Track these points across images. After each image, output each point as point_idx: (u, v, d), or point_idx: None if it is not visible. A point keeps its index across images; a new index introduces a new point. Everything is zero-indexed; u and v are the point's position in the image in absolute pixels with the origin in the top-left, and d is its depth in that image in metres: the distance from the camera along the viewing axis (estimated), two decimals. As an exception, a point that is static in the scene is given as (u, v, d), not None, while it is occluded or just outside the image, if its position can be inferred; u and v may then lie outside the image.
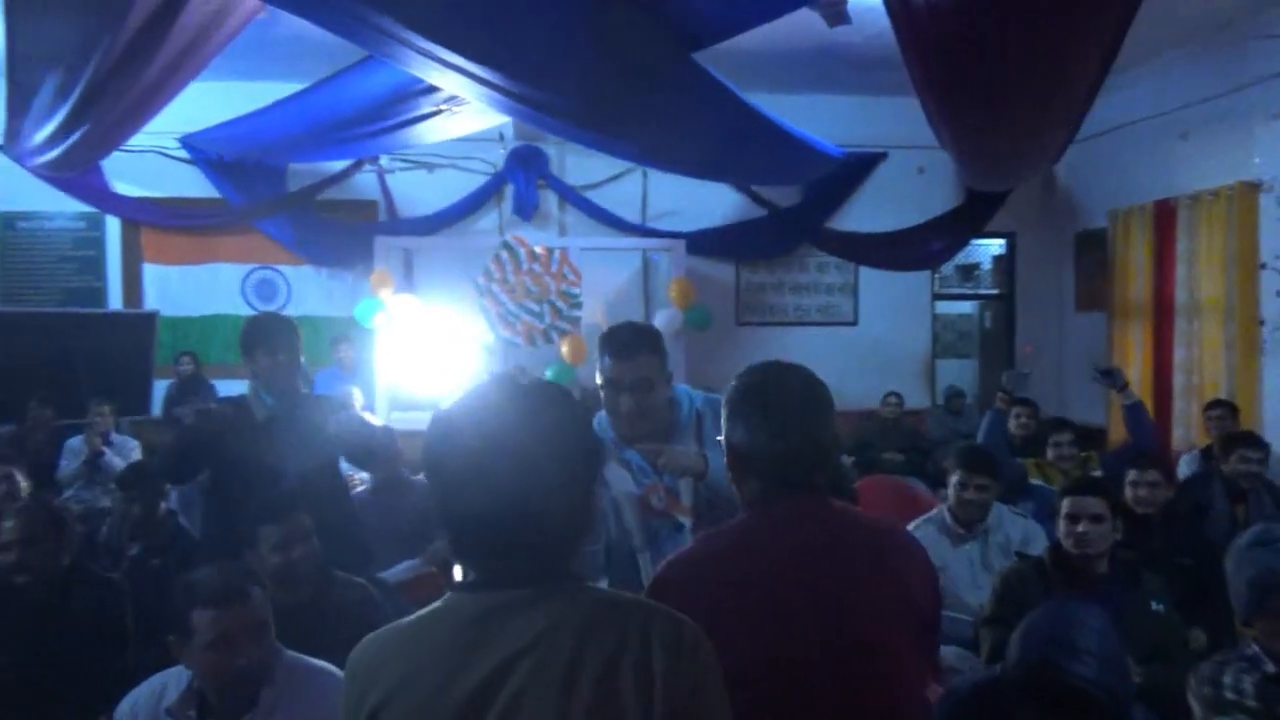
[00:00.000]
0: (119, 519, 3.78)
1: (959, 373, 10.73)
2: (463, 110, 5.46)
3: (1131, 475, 3.92)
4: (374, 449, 3.49)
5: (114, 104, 4.48)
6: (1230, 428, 5.16)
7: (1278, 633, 2.35)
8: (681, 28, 3.14)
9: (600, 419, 2.56)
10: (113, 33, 3.60)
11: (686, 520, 2.48)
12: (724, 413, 1.84)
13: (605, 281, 8.44)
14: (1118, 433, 7.95)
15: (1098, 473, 4.87)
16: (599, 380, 2.51)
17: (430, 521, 4.37)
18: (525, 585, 1.28)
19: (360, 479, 5.04)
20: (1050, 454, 4.95)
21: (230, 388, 7.38)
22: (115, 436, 6.60)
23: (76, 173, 7.23)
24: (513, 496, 1.26)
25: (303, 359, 3.50)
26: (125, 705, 2.22)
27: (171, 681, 2.19)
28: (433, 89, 4.76)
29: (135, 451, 6.61)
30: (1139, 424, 5.26)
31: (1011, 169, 6.54)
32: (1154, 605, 2.98)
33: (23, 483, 4.27)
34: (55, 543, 2.91)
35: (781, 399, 1.77)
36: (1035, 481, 4.89)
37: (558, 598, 1.28)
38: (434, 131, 5.45)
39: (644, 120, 4.15)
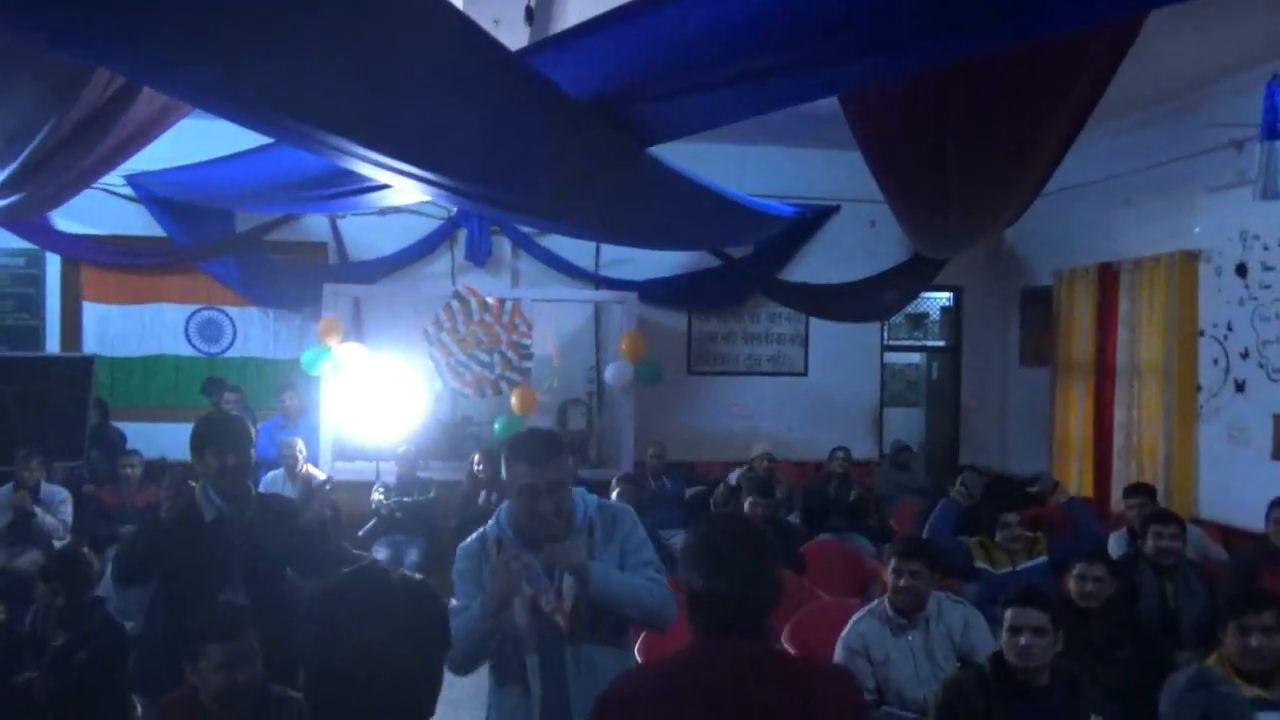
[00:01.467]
0: (43, 608, 3.65)
1: (906, 420, 10.85)
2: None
3: (1078, 569, 3.96)
4: (323, 562, 3.42)
5: (56, 176, 4.36)
6: (1152, 510, 5.24)
7: None
8: (635, 131, 3.15)
9: (500, 517, 2.72)
10: (58, 116, 3.51)
11: (563, 624, 2.58)
12: (681, 560, 2.02)
13: (557, 330, 8.42)
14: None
15: (1043, 557, 4.92)
16: (512, 486, 2.62)
17: None
18: None
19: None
20: (998, 535, 4.98)
21: (171, 432, 7.28)
22: (45, 487, 6.39)
23: (15, 220, 7.04)
24: (377, 686, 1.41)
25: (252, 456, 3.42)
26: None
27: None
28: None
29: (66, 505, 6.39)
30: (1079, 519, 5.34)
31: (961, 246, 6.65)
32: (1093, 718, 3.01)
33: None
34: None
35: (732, 549, 1.92)
36: (980, 565, 4.93)
37: None
38: (388, 198, 5.39)
39: (597, 208, 4.15)
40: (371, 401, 7.46)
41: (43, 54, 3.07)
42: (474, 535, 2.77)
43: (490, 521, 2.75)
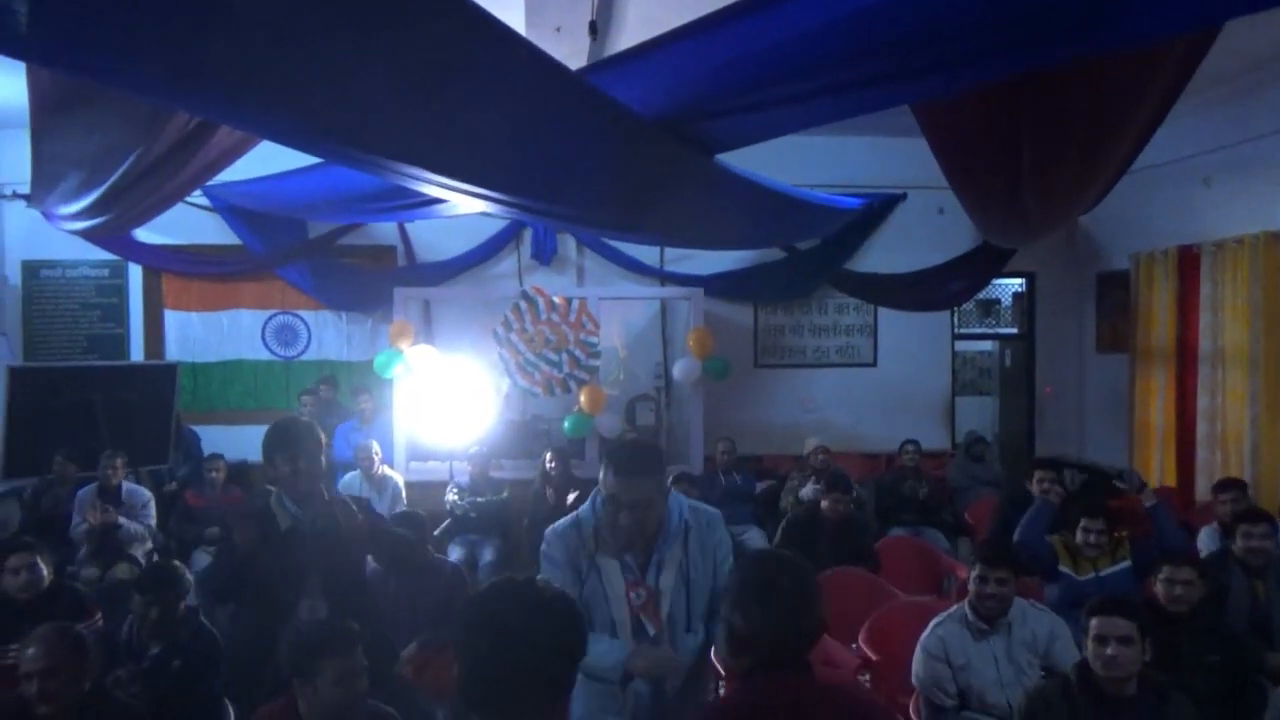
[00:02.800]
0: (139, 620, 3.78)
1: (979, 410, 10.68)
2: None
3: (1165, 572, 3.85)
4: (402, 554, 3.50)
5: (138, 203, 4.49)
6: (1243, 507, 5.06)
7: None
8: (702, 141, 3.13)
9: (596, 504, 2.73)
10: (143, 148, 3.61)
11: (651, 628, 2.68)
12: (725, 599, 2.07)
13: (624, 327, 8.45)
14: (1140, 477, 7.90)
15: (1127, 562, 4.79)
16: (602, 491, 2.66)
17: (449, 604, 4.39)
18: None
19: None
20: (1079, 538, 4.84)
21: (251, 435, 7.45)
22: (127, 487, 6.61)
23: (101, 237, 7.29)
24: (521, 670, 1.63)
25: (322, 460, 3.48)
26: None
27: None
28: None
29: (149, 505, 6.61)
30: (1162, 526, 5.17)
31: (1034, 237, 6.49)
32: (1182, 730, 2.95)
33: (45, 570, 4.28)
34: (76, 669, 2.91)
35: (777, 589, 1.98)
36: (1063, 569, 4.80)
37: None
38: (455, 209, 5.44)
39: (664, 218, 4.14)
40: (443, 402, 7.58)
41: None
42: (567, 519, 2.80)
43: (585, 506, 2.78)
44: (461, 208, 4.42)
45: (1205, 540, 5.25)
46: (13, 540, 4.93)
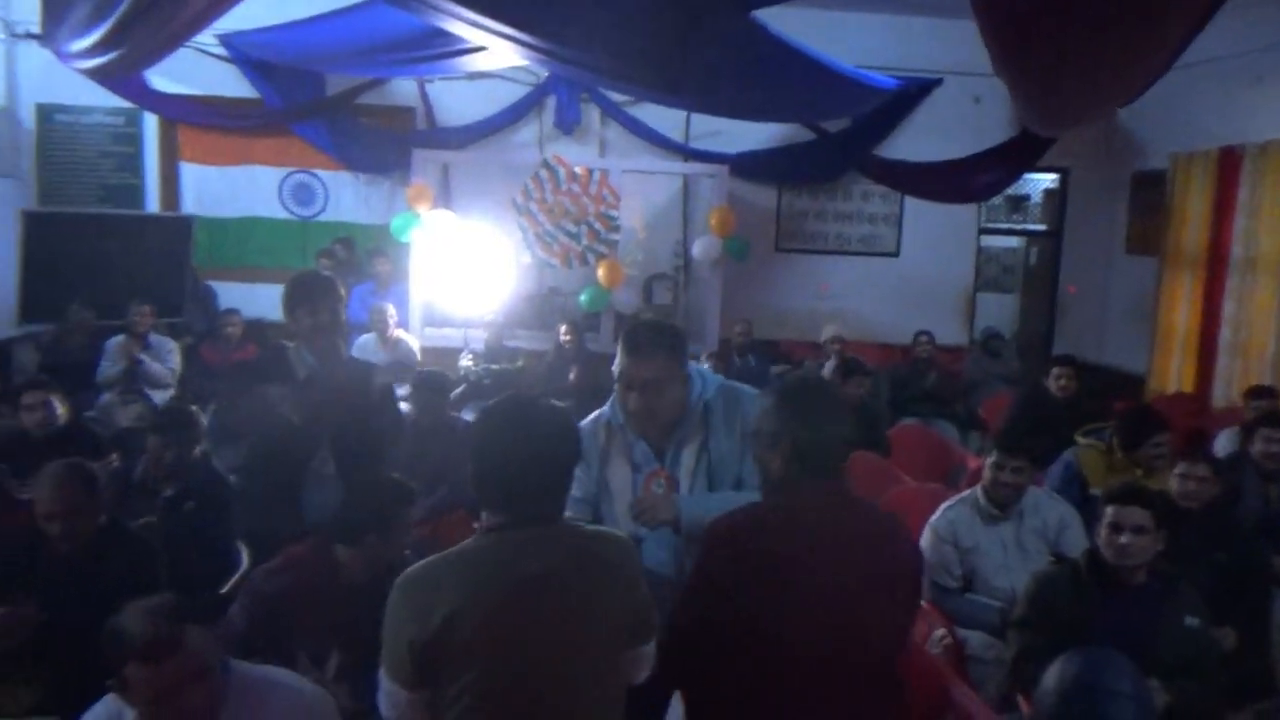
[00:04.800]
0: (153, 460, 3.80)
1: (999, 307, 10.56)
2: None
3: (1181, 468, 3.82)
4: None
5: (152, 33, 4.33)
6: (1267, 412, 4.99)
7: None
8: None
9: (614, 402, 2.63)
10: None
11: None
12: (766, 404, 2.18)
13: (645, 203, 8.29)
14: (1158, 382, 7.85)
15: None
16: (615, 371, 2.57)
17: (450, 462, 4.42)
18: (540, 525, 1.90)
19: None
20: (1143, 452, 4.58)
21: (266, 293, 7.45)
22: (153, 337, 6.65)
23: (114, 79, 7.10)
24: (532, 471, 1.89)
25: (342, 315, 3.45)
26: None
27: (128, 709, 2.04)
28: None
29: (174, 354, 6.67)
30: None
31: (1076, 121, 6.25)
32: (1189, 620, 2.94)
33: (59, 408, 4.30)
34: (92, 507, 2.94)
35: (816, 399, 2.14)
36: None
37: (561, 533, 1.94)
38: (478, 62, 5.25)
39: (694, 74, 3.97)
40: (460, 269, 7.52)
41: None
42: (590, 418, 2.69)
43: (607, 406, 2.68)
44: (481, 60, 4.26)
45: (1224, 443, 5.22)
46: (28, 379, 4.97)
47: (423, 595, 1.81)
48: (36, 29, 6.91)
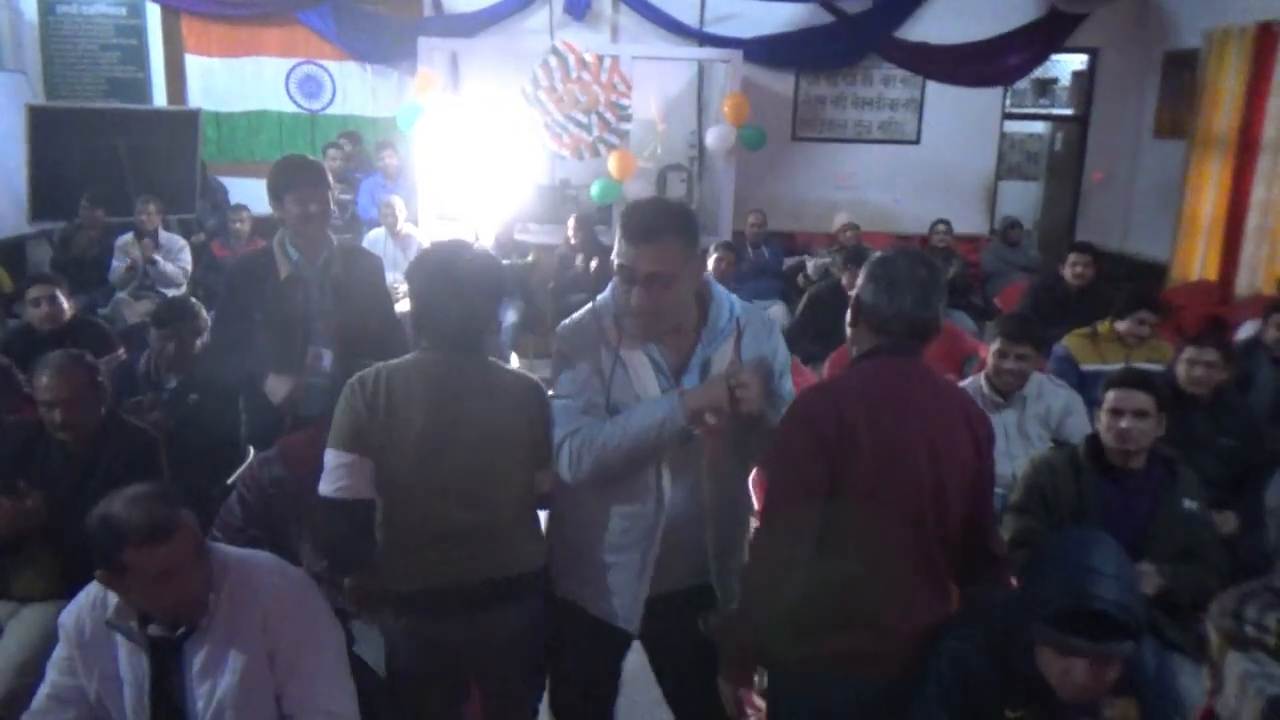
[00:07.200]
0: (156, 353, 3.81)
1: (1022, 194, 10.34)
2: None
3: (1188, 353, 3.74)
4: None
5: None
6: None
7: None
8: None
9: (615, 289, 2.22)
10: None
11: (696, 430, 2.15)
12: (863, 272, 2.12)
13: (658, 91, 8.08)
14: (1180, 270, 7.68)
15: (1161, 367, 4.46)
16: (615, 262, 2.15)
17: None
18: (464, 351, 2.24)
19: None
20: (1124, 324, 4.55)
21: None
22: (163, 235, 6.64)
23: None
24: (453, 306, 2.20)
25: (333, 206, 3.37)
26: (68, 617, 2.12)
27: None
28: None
29: (184, 252, 6.67)
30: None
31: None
32: (1186, 503, 2.92)
33: (65, 303, 4.31)
34: (93, 397, 2.95)
35: (916, 273, 2.05)
36: (1088, 368, 4.53)
37: (479, 361, 2.28)
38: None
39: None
40: (469, 162, 7.40)
41: None
42: (583, 310, 2.30)
43: (606, 290, 2.27)
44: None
45: (1246, 331, 5.11)
46: (34, 274, 4.98)
47: (372, 385, 2.20)
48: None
